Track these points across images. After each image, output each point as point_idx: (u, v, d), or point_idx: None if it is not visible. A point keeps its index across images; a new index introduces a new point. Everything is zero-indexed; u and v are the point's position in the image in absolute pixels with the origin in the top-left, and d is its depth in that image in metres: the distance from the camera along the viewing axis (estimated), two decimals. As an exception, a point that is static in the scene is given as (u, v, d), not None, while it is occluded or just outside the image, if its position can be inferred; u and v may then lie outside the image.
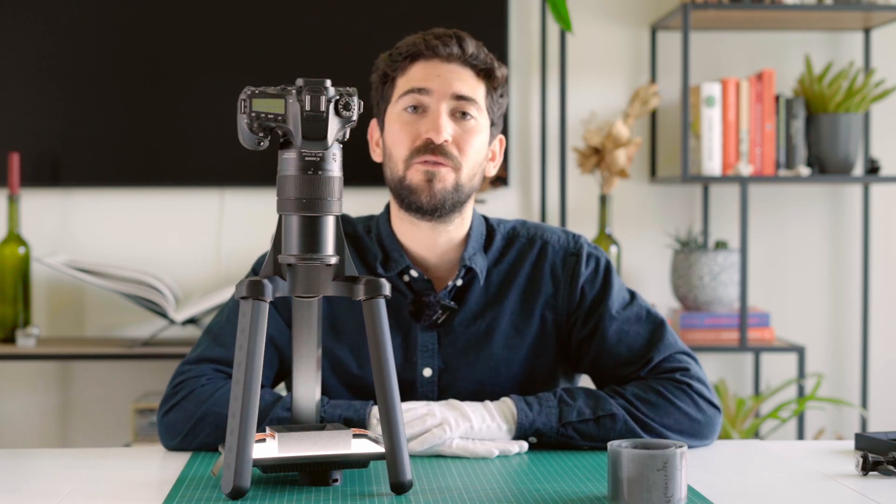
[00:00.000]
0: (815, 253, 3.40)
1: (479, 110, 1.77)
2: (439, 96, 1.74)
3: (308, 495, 1.42)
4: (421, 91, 1.75)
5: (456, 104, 1.75)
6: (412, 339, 1.80)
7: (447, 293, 1.80)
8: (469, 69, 1.77)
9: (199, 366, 1.75)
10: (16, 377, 3.25)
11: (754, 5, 3.07)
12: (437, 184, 1.73)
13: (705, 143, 3.14)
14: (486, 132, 1.78)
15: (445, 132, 1.73)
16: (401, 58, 1.77)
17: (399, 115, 1.77)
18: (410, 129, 1.75)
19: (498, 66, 1.79)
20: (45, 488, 1.48)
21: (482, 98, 1.77)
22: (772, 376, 3.37)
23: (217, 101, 3.16)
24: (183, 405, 1.69)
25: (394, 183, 1.77)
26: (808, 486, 1.50)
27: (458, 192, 1.75)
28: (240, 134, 1.41)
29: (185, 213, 3.26)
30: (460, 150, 1.75)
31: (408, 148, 1.75)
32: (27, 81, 3.20)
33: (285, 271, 1.43)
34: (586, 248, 1.85)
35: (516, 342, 1.81)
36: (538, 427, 1.68)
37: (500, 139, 1.85)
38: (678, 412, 1.71)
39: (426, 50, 1.76)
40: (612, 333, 1.79)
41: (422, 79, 1.75)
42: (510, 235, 1.86)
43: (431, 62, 1.76)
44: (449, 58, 1.76)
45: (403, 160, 1.75)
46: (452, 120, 1.75)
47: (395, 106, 1.78)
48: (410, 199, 1.75)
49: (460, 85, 1.75)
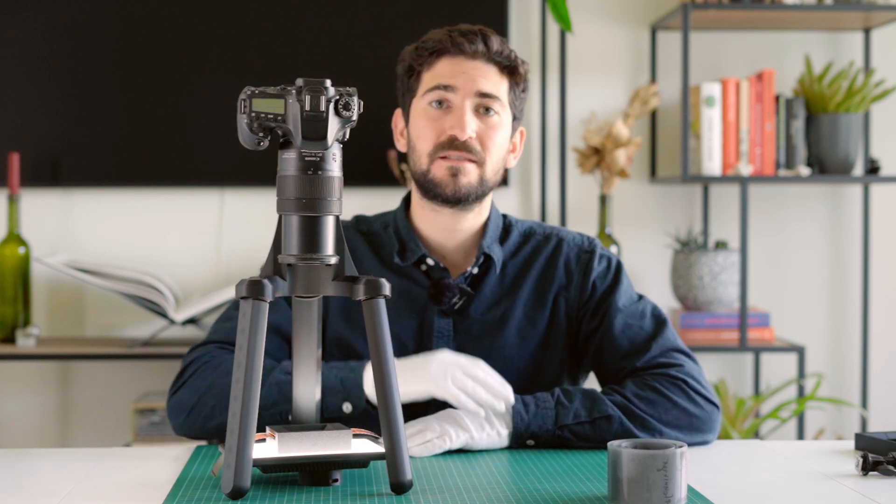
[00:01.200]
0: (815, 253, 3.40)
1: (503, 106, 1.82)
2: (464, 93, 1.79)
3: (308, 495, 1.42)
4: (447, 88, 1.79)
5: (480, 101, 1.80)
6: (427, 324, 1.84)
7: (464, 279, 1.84)
8: (493, 66, 1.81)
9: (205, 347, 1.80)
10: (16, 377, 3.25)
11: (754, 5, 3.07)
12: (461, 178, 1.78)
13: (705, 143, 3.14)
14: (508, 127, 1.84)
15: (470, 129, 1.78)
16: (427, 53, 1.82)
17: (424, 110, 1.81)
18: (435, 124, 1.80)
19: (521, 63, 1.84)
20: (45, 488, 1.49)
21: (505, 94, 1.82)
22: (772, 376, 3.37)
23: (217, 101, 3.16)
24: (189, 382, 1.74)
25: (418, 175, 1.82)
26: (808, 486, 1.50)
27: (483, 185, 1.81)
28: (240, 134, 1.41)
29: (185, 213, 3.26)
30: (483, 146, 1.80)
31: (432, 143, 1.80)
32: (27, 81, 3.20)
33: (285, 271, 1.43)
34: (599, 249, 1.91)
35: (529, 332, 1.85)
36: (534, 430, 1.69)
37: (521, 131, 1.90)
38: (676, 408, 1.72)
39: (452, 47, 1.80)
40: (616, 325, 1.83)
41: (448, 76, 1.80)
42: (527, 232, 1.92)
43: (457, 59, 1.80)
44: (474, 55, 1.80)
45: (428, 154, 1.80)
46: (476, 116, 1.80)
47: (420, 100, 1.82)
48: (435, 191, 1.80)
49: (484, 82, 1.80)
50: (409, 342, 1.84)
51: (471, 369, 1.68)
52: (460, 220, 1.83)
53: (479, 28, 1.82)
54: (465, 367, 1.68)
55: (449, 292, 1.82)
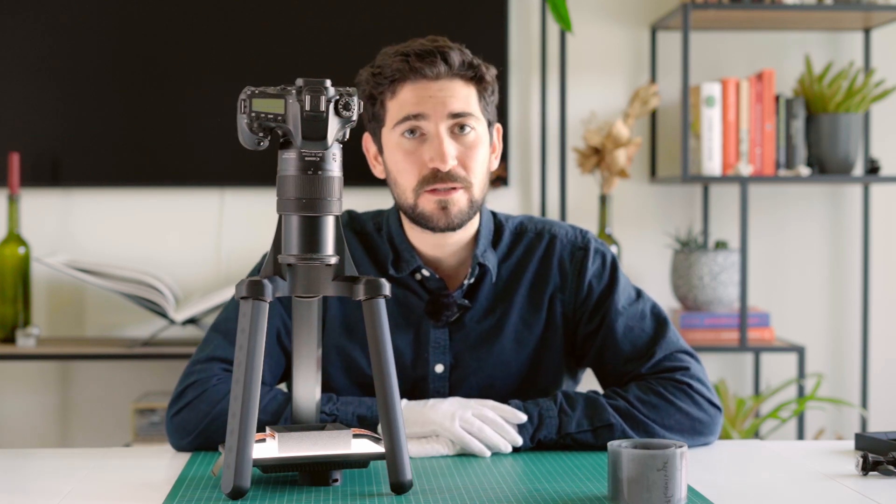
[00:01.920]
0: (815, 253, 3.40)
1: (476, 119, 1.76)
2: (436, 119, 1.73)
3: (308, 495, 1.42)
4: (417, 117, 1.73)
5: (453, 122, 1.74)
6: (423, 335, 1.82)
7: (461, 292, 1.81)
8: (458, 80, 1.74)
9: (210, 365, 1.74)
10: (16, 377, 3.25)
11: (754, 5, 3.07)
12: (452, 209, 1.74)
13: (705, 143, 3.14)
14: (485, 138, 1.78)
15: (451, 158, 1.72)
16: (386, 81, 1.75)
17: (399, 143, 1.75)
18: (414, 157, 1.74)
19: (486, 70, 1.77)
20: (45, 488, 1.49)
21: (475, 105, 1.76)
22: (772, 376, 3.37)
23: (217, 101, 3.16)
24: (195, 405, 1.69)
25: (405, 209, 1.77)
26: (808, 486, 1.50)
27: (473, 207, 1.76)
28: (240, 134, 1.41)
29: (185, 213, 3.26)
30: (467, 169, 1.74)
31: (415, 177, 1.74)
32: (27, 81, 3.20)
33: (285, 271, 1.43)
34: (593, 244, 1.86)
35: (525, 336, 1.83)
36: (539, 439, 1.69)
37: (497, 129, 1.84)
38: (679, 413, 1.72)
39: (411, 73, 1.73)
40: (617, 329, 1.81)
41: (415, 103, 1.73)
42: (518, 231, 1.87)
43: (419, 83, 1.73)
44: (437, 76, 1.73)
45: (413, 189, 1.75)
46: (452, 137, 1.74)
47: (391, 132, 1.76)
48: (427, 225, 1.75)
49: (454, 101, 1.73)
50: (406, 353, 1.81)
51: (479, 409, 1.66)
52: (450, 236, 1.79)
53: (434, 45, 1.74)
54: (474, 409, 1.66)
55: (447, 310, 1.80)
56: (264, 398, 1.69)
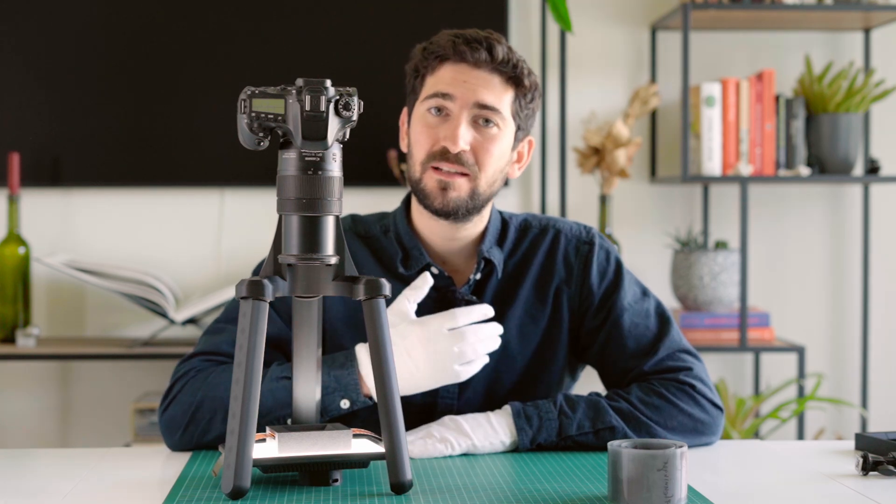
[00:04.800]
0: (815, 253, 3.40)
1: (503, 119, 1.77)
2: (462, 104, 1.74)
3: (308, 495, 1.42)
4: (445, 96, 1.75)
5: (478, 112, 1.75)
6: None
7: (469, 288, 1.82)
8: (497, 75, 1.76)
9: (191, 360, 1.76)
10: (16, 377, 3.25)
11: (754, 5, 3.07)
12: (451, 192, 1.75)
13: (705, 143, 3.14)
14: (508, 138, 1.79)
15: (462, 141, 1.73)
16: (432, 56, 1.78)
17: (423, 116, 1.78)
18: (431, 132, 1.76)
19: (528, 74, 1.78)
20: (45, 488, 1.48)
21: (508, 105, 1.77)
22: (772, 376, 3.37)
23: (217, 101, 3.16)
24: (179, 398, 1.70)
25: (412, 182, 1.79)
26: (808, 486, 1.50)
27: (475, 199, 1.77)
28: (240, 134, 1.41)
29: (185, 213, 3.26)
30: (477, 159, 1.75)
31: (426, 151, 1.76)
32: (27, 81, 3.20)
33: (285, 271, 1.43)
34: (598, 240, 1.88)
35: (530, 329, 1.84)
36: (539, 442, 1.69)
37: (528, 141, 1.86)
38: (681, 414, 1.72)
39: (454, 54, 1.75)
40: (623, 324, 1.81)
41: (448, 84, 1.75)
42: (522, 226, 1.89)
43: (459, 66, 1.75)
44: (477, 64, 1.75)
45: (421, 163, 1.77)
46: (474, 127, 1.75)
47: (421, 105, 1.79)
48: (425, 202, 1.77)
49: (485, 93, 1.75)
50: None
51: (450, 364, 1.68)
52: (458, 229, 1.80)
53: (485, 35, 1.77)
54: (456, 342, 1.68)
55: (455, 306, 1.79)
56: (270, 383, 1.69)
